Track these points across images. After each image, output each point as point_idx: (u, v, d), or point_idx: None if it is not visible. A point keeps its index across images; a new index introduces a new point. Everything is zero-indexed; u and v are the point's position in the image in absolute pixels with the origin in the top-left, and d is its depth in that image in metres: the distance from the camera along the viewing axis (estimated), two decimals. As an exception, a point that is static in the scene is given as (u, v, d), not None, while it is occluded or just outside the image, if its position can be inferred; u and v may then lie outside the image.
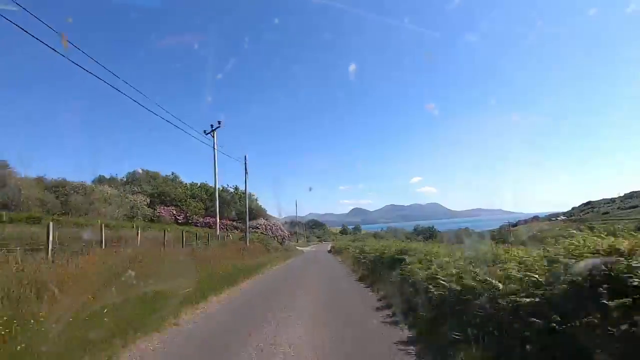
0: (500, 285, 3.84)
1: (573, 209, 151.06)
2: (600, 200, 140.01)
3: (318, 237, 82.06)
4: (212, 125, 20.54)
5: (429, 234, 50.34)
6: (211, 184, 30.23)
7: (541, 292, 3.29)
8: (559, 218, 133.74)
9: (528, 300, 3.30)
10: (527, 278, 3.56)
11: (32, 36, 6.96)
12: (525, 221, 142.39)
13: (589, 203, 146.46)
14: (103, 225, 11.32)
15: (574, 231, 4.29)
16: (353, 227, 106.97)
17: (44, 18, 6.70)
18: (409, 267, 7.26)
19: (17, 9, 6.20)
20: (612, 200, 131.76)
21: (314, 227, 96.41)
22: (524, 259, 4.20)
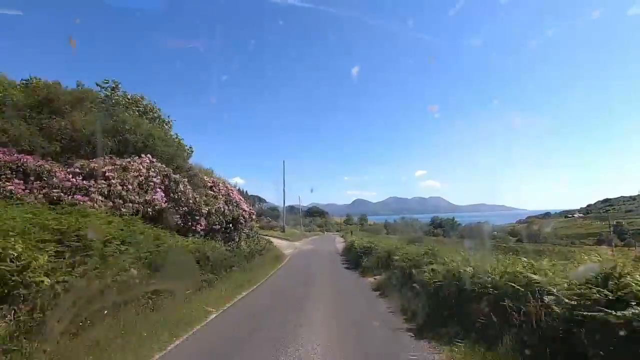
0: None
1: (589, 206, 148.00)
2: (619, 197, 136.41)
3: (319, 227, 74.40)
4: None
5: (450, 228, 43.29)
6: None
7: None
8: (575, 215, 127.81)
9: None
10: None
11: None
12: (537, 217, 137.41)
13: (606, 200, 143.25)
14: None
15: None
16: (358, 217, 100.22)
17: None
18: None
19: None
20: (633, 198, 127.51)
21: (315, 215, 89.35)
22: None
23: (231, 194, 13.70)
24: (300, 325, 5.91)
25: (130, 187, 8.87)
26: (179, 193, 10.40)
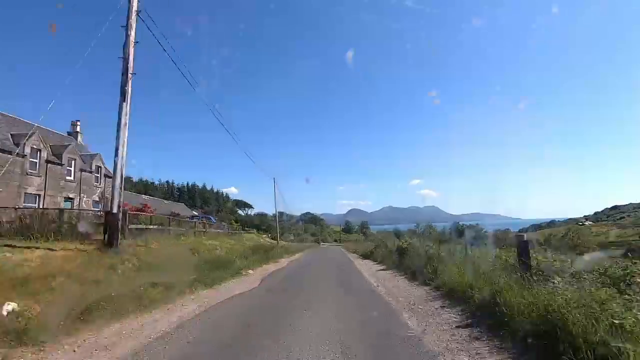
0: None
1: (596, 213, 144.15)
2: (628, 204, 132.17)
3: (314, 235, 64.18)
4: None
5: (477, 236, 34.80)
6: None
7: None
8: (585, 223, 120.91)
9: None
10: None
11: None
12: (540, 226, 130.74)
13: (615, 207, 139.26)
14: None
15: None
16: (358, 225, 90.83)
17: None
18: None
19: None
20: None
21: (309, 223, 79.62)
22: None
23: None
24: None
25: None
26: None
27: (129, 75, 9.48)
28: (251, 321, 5.70)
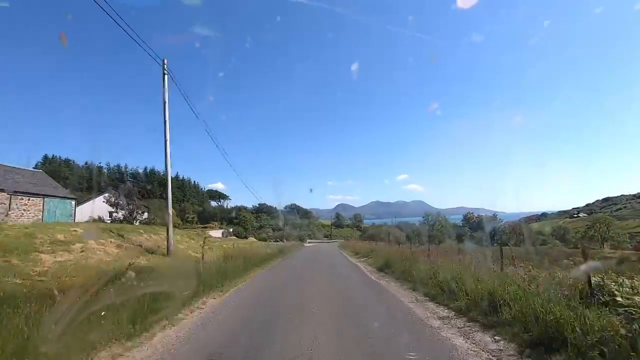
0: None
1: (588, 205, 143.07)
2: (620, 196, 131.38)
3: (299, 228, 55.50)
4: None
5: (493, 231, 28.76)
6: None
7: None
8: (580, 215, 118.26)
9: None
10: None
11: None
12: (530, 219, 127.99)
13: (607, 199, 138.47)
14: None
15: None
16: (351, 219, 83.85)
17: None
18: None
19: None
20: (634, 196, 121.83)
21: (295, 213, 71.59)
22: None
23: None
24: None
25: None
26: None
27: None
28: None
